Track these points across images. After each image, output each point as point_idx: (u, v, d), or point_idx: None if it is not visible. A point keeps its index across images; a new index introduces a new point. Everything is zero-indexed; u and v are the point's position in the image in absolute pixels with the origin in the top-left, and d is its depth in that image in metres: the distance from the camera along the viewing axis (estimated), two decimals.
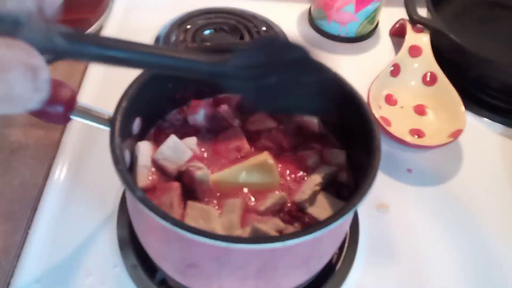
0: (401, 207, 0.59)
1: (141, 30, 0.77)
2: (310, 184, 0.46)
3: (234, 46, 0.42)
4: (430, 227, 0.57)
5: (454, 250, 0.55)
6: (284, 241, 0.36)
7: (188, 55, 0.39)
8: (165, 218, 0.36)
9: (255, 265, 0.40)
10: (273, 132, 0.51)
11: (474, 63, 0.72)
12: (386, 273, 0.53)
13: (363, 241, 0.54)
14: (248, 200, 0.45)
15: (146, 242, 0.45)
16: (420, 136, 0.65)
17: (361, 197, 0.39)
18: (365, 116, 0.45)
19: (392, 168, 0.62)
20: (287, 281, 0.44)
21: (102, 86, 0.68)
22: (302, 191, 0.45)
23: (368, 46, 0.81)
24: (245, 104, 0.54)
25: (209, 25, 0.78)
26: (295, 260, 0.42)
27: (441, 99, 0.68)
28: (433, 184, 0.62)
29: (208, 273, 0.41)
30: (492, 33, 0.80)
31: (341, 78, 0.48)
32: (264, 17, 0.81)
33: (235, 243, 0.36)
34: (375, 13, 0.78)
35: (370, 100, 0.65)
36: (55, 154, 0.59)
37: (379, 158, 0.42)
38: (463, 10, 0.84)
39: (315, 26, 0.82)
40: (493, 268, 0.54)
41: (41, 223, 0.53)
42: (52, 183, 0.56)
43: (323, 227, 0.37)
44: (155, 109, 0.50)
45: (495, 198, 0.62)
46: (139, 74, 0.45)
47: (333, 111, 0.49)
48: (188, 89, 0.52)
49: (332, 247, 0.46)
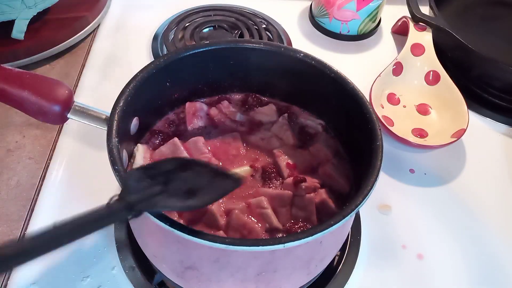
0: (403, 208, 0.58)
1: (139, 28, 0.77)
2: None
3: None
4: (433, 228, 0.57)
5: (457, 251, 0.55)
6: (285, 243, 0.35)
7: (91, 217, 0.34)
8: (163, 219, 0.35)
9: (255, 268, 0.39)
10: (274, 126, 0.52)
11: (477, 62, 0.71)
12: (389, 275, 0.52)
13: (365, 243, 0.54)
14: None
15: (144, 244, 0.45)
16: (423, 136, 0.64)
17: (362, 198, 0.38)
18: (367, 116, 0.44)
19: (395, 169, 0.62)
20: (287, 283, 0.43)
21: (99, 85, 0.67)
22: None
23: (370, 44, 0.80)
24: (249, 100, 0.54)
25: (208, 22, 0.77)
26: (295, 262, 0.41)
27: (444, 98, 0.68)
28: (436, 185, 0.61)
29: (207, 275, 0.41)
30: (495, 31, 0.80)
31: (343, 77, 0.47)
32: (264, 15, 0.80)
33: (234, 245, 0.35)
34: (377, 11, 0.78)
35: (372, 99, 0.64)
36: (52, 154, 0.59)
37: (381, 158, 0.41)
38: (466, 8, 0.83)
39: (316, 24, 0.82)
40: (496, 268, 0.53)
41: (37, 224, 0.52)
42: (49, 184, 0.56)
43: (324, 229, 0.36)
44: (153, 109, 0.50)
45: (498, 198, 0.61)
46: (137, 73, 0.45)
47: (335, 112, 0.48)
48: (186, 88, 0.51)
49: (333, 249, 0.46)
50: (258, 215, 0.44)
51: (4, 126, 0.62)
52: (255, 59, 0.50)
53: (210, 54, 0.49)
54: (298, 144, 0.51)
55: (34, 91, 0.42)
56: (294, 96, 0.54)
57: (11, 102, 0.43)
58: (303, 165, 0.49)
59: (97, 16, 0.75)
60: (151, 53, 0.73)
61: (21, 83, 0.43)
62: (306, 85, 0.51)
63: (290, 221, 0.44)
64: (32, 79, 0.43)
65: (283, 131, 0.51)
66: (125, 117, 0.43)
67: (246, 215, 0.44)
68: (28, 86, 0.42)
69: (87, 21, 0.73)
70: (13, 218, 0.53)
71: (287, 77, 0.51)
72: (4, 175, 0.57)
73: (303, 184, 0.46)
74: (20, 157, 0.59)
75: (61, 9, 0.73)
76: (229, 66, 0.51)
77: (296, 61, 0.49)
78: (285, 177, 0.47)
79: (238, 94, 0.55)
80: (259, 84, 0.54)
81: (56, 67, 0.70)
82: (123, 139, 0.43)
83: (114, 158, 0.38)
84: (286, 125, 0.52)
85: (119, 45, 0.74)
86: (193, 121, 0.51)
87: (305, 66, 0.49)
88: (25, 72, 0.44)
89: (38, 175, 0.57)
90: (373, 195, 0.39)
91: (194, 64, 0.49)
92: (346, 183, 0.47)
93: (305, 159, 0.49)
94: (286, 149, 0.50)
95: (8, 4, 0.67)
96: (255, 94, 0.54)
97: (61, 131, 0.61)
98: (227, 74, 0.52)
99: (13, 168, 0.57)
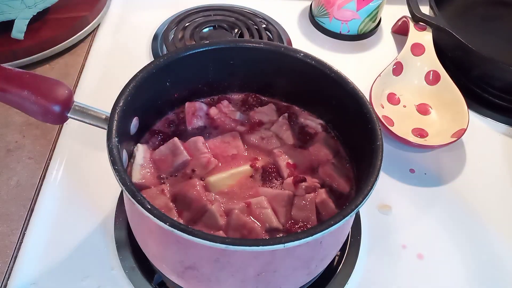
0: (403, 208, 0.58)
1: (139, 28, 0.77)
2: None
3: None
4: (433, 228, 0.57)
5: (457, 251, 0.55)
6: (285, 243, 0.35)
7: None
8: (163, 219, 0.35)
9: (255, 268, 0.39)
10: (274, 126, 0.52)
11: (477, 62, 0.71)
12: (389, 275, 0.52)
13: (365, 243, 0.53)
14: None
15: (144, 244, 0.45)
16: (423, 136, 0.64)
17: (363, 198, 0.38)
18: (367, 116, 0.44)
19: (395, 169, 0.62)
20: (287, 283, 0.43)
21: (99, 85, 0.67)
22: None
23: (370, 44, 0.80)
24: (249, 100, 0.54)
25: (208, 22, 0.77)
26: (295, 262, 0.41)
27: (444, 98, 0.68)
28: (436, 185, 0.61)
29: (207, 275, 0.41)
30: (495, 31, 0.80)
31: (343, 77, 0.47)
32: (264, 15, 0.80)
33: (234, 245, 0.35)
34: (377, 11, 0.78)
35: (372, 99, 0.64)
36: (52, 154, 0.59)
37: (381, 158, 0.41)
38: (466, 8, 0.83)
39: (316, 24, 0.81)
40: (496, 268, 0.53)
41: (37, 224, 0.52)
42: (49, 184, 0.56)
43: (324, 229, 0.36)
44: (153, 109, 0.50)
45: (498, 198, 0.61)
46: (137, 73, 0.45)
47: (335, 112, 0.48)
48: (186, 88, 0.51)
49: (333, 249, 0.46)
50: (258, 215, 0.44)
51: (4, 126, 0.62)
52: (255, 59, 0.50)
53: (210, 54, 0.49)
54: (298, 144, 0.51)
55: (34, 91, 0.42)
56: (294, 96, 0.54)
57: (11, 102, 0.43)
58: (303, 165, 0.49)
59: (97, 16, 0.75)
60: (151, 53, 0.73)
61: (21, 83, 0.43)
62: (306, 85, 0.51)
63: (290, 221, 0.44)
64: (32, 79, 0.43)
65: (283, 131, 0.51)
66: (125, 117, 0.42)
67: (246, 215, 0.44)
68: (28, 86, 0.42)
69: (87, 21, 0.73)
70: (13, 218, 0.53)
71: (287, 77, 0.51)
72: (4, 175, 0.57)
73: (303, 184, 0.46)
74: (20, 157, 0.58)
75: (61, 9, 0.73)
76: (229, 66, 0.51)
77: (296, 61, 0.49)
78: (285, 177, 0.47)
79: (238, 94, 0.55)
80: (259, 84, 0.54)
81: (56, 67, 0.70)
82: (123, 139, 0.42)
83: (114, 158, 0.38)
84: (286, 124, 0.52)
85: (119, 45, 0.74)
86: (193, 121, 0.51)
87: (305, 66, 0.49)
88: (25, 72, 0.44)
89: (38, 175, 0.57)
90: (373, 195, 0.39)
91: (194, 64, 0.49)
92: (346, 183, 0.47)
93: (305, 159, 0.49)
94: (286, 148, 0.50)
95: (8, 4, 0.66)
96: (255, 94, 0.54)
97: (61, 131, 0.61)
98: (227, 74, 0.52)
99: (13, 168, 0.57)
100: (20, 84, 0.42)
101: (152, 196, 0.44)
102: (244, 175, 0.47)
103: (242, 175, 0.47)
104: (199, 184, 0.45)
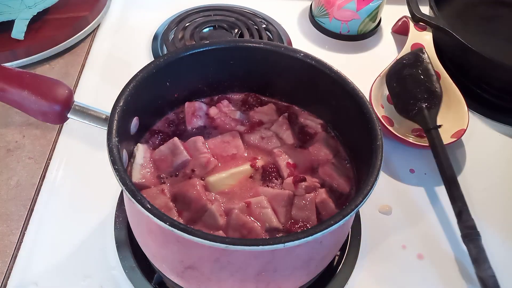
0: (403, 208, 0.58)
1: (139, 28, 0.77)
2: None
3: None
4: (433, 228, 0.57)
5: (457, 251, 0.55)
6: (285, 243, 0.35)
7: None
8: (163, 219, 0.35)
9: (255, 267, 0.39)
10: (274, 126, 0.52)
11: (477, 62, 0.71)
12: (389, 275, 0.52)
13: (365, 243, 0.53)
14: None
15: (144, 243, 0.45)
16: (423, 136, 0.64)
17: (362, 198, 0.38)
18: (367, 116, 0.44)
19: (395, 169, 0.62)
20: (287, 283, 0.43)
21: (99, 85, 0.67)
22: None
23: (370, 44, 0.80)
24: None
25: (208, 22, 0.77)
26: (295, 262, 0.41)
27: (444, 98, 0.67)
28: (436, 185, 0.61)
29: (207, 275, 0.41)
30: (495, 31, 0.79)
31: (343, 77, 0.47)
32: (264, 15, 0.80)
33: (234, 245, 0.35)
34: (377, 11, 0.78)
35: (372, 99, 0.64)
36: (52, 154, 0.59)
37: (381, 158, 0.41)
38: (466, 8, 0.83)
39: (316, 24, 0.81)
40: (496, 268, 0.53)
41: (37, 224, 0.52)
42: (49, 184, 0.56)
43: (324, 229, 0.36)
44: (153, 108, 0.50)
45: (498, 198, 0.61)
46: (137, 73, 0.45)
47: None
48: (186, 88, 0.51)
49: (333, 249, 0.46)
50: (258, 215, 0.44)
51: (4, 126, 0.62)
52: (255, 59, 0.50)
53: (210, 54, 0.49)
54: (298, 143, 0.51)
55: (34, 91, 0.42)
56: (294, 96, 0.54)
57: (11, 102, 0.43)
58: (303, 165, 0.49)
59: (97, 16, 0.75)
60: (151, 53, 0.73)
61: (21, 83, 0.43)
62: (306, 85, 0.51)
63: (290, 221, 0.44)
64: (32, 79, 0.43)
65: (283, 131, 0.51)
66: (125, 116, 0.42)
67: (246, 214, 0.44)
68: (28, 86, 0.42)
69: (87, 21, 0.73)
70: (13, 218, 0.53)
71: (287, 77, 0.51)
72: (4, 175, 0.57)
73: (303, 183, 0.46)
74: (20, 157, 0.59)
75: (61, 9, 0.73)
76: (229, 66, 0.51)
77: (296, 61, 0.49)
78: (285, 176, 0.47)
79: (238, 93, 0.55)
80: (259, 84, 0.54)
81: (56, 67, 0.70)
82: (123, 138, 0.42)
83: (114, 158, 0.38)
84: (286, 124, 0.52)
85: (119, 45, 0.74)
86: (193, 121, 0.51)
87: (305, 66, 0.49)
88: (25, 72, 0.44)
89: (38, 175, 0.57)
90: (373, 195, 0.39)
91: (194, 64, 0.49)
92: (346, 183, 0.47)
93: (305, 159, 0.49)
94: (286, 148, 0.50)
95: (8, 4, 0.67)
96: (255, 94, 0.54)
97: (61, 131, 0.61)
98: (227, 74, 0.52)
99: (13, 168, 0.57)
100: (20, 84, 0.43)
101: (152, 196, 0.44)
102: (244, 175, 0.47)
103: (242, 175, 0.47)
104: (199, 184, 0.45)
